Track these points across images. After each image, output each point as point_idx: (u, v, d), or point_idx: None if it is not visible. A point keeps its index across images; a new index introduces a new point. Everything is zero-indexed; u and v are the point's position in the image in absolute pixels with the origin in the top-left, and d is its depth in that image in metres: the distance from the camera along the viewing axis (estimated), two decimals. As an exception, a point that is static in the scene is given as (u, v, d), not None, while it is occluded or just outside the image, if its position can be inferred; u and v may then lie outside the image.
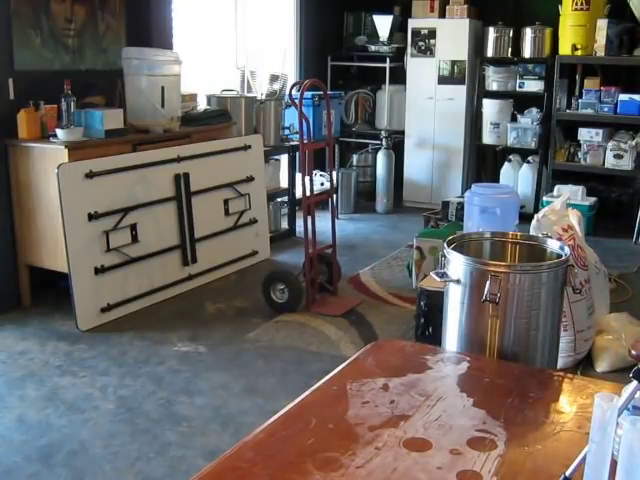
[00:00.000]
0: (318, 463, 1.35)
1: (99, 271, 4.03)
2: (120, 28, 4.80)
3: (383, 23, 6.89)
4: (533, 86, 6.51)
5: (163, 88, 4.52)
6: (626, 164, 6.05)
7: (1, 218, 4.17)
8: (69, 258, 3.89)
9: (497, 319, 2.09)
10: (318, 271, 4.49)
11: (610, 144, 6.09)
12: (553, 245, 2.30)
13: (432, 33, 6.73)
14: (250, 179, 5.09)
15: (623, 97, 5.97)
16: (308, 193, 4.38)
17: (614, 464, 1.13)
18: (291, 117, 5.78)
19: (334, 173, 5.71)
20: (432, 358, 1.85)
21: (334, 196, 4.79)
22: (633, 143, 6.00)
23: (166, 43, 5.04)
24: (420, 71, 6.84)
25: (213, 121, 5.01)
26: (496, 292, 2.02)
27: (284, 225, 6.03)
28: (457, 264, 2.14)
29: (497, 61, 6.67)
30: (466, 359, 1.88)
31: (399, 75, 7.01)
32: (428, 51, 6.79)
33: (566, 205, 3.77)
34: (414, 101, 6.91)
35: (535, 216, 3.55)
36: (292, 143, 5.84)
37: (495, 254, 2.37)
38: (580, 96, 6.20)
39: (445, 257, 2.20)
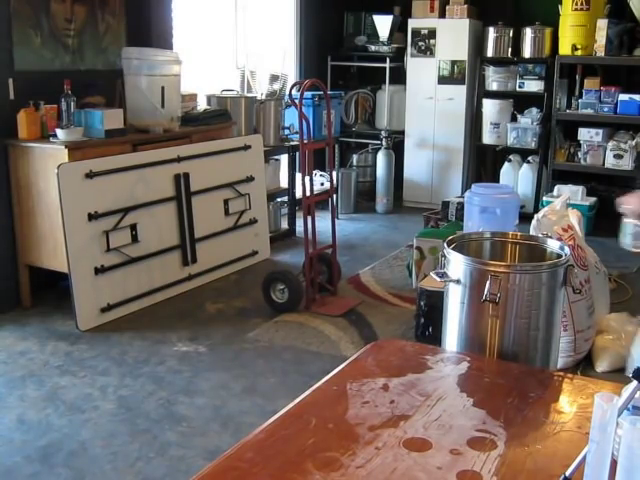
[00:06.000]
0: (318, 463, 1.35)
1: (99, 271, 4.03)
2: (120, 28, 4.80)
3: (383, 23, 6.89)
4: (533, 86, 6.51)
5: (163, 88, 4.52)
6: (626, 164, 6.05)
7: (1, 218, 4.17)
8: (69, 258, 3.89)
9: (497, 319, 2.09)
10: (318, 271, 4.49)
11: (610, 144, 6.09)
12: (553, 245, 2.30)
13: (432, 33, 6.73)
14: (250, 179, 5.09)
15: (623, 97, 5.97)
16: (308, 193, 4.38)
17: (614, 464, 1.13)
18: (291, 117, 5.77)
19: (334, 173, 5.71)
20: (432, 358, 1.85)
21: (334, 196, 4.78)
22: (633, 143, 6.00)
23: (166, 43, 5.04)
24: (420, 71, 6.83)
25: (213, 121, 5.01)
26: (496, 292, 2.02)
27: (284, 225, 6.03)
28: (457, 264, 2.14)
29: (497, 61, 6.67)
30: (466, 359, 1.88)
31: (399, 75, 7.01)
32: (428, 51, 6.79)
33: (566, 205, 3.77)
34: (414, 101, 6.90)
35: (535, 216, 3.55)
36: (292, 143, 5.84)
37: (495, 254, 2.37)
38: (580, 96, 6.19)
39: (445, 257, 2.19)
